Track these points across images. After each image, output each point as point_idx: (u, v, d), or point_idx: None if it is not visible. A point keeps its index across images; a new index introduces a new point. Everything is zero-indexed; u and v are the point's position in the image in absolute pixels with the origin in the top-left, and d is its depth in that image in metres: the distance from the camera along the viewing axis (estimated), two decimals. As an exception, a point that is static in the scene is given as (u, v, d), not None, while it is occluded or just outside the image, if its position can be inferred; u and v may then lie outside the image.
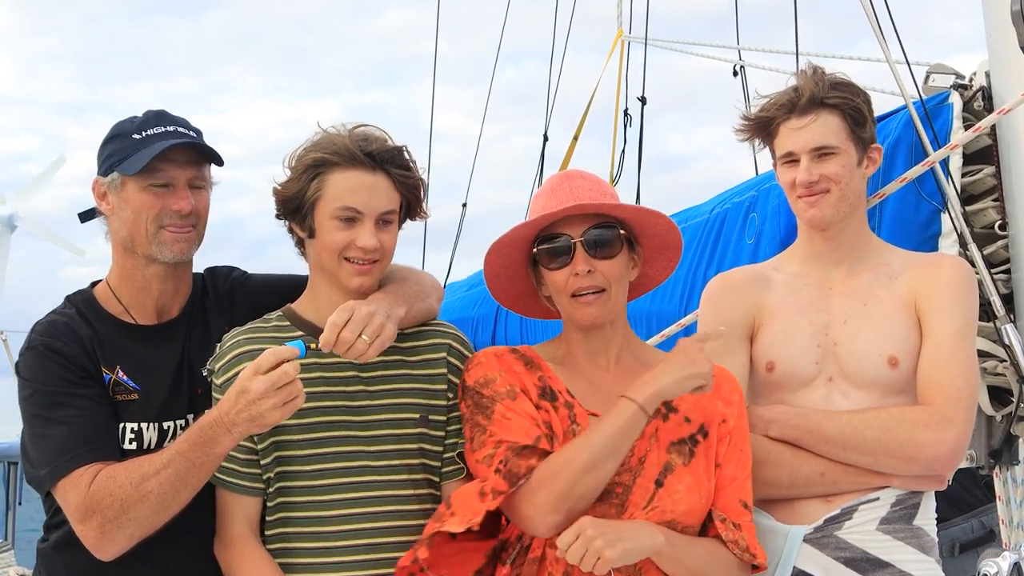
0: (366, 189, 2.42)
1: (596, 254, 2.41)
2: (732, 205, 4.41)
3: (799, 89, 2.75)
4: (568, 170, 2.69)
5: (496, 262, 2.52)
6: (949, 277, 2.74)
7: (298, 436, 2.43)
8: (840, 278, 2.83)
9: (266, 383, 2.20)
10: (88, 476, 2.38)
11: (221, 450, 2.32)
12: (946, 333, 2.67)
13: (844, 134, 2.74)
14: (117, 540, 2.36)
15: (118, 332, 2.61)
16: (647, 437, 2.38)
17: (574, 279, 2.41)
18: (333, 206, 2.41)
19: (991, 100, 3.58)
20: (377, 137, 2.47)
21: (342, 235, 2.42)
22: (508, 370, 2.46)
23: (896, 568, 2.67)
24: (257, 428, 2.28)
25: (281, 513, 2.46)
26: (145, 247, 2.58)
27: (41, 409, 2.48)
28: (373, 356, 2.35)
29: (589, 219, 2.42)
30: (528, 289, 2.59)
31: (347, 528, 2.42)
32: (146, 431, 2.55)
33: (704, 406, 2.45)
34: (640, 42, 6.65)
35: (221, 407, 2.28)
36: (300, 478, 2.44)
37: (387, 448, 2.46)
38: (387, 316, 2.38)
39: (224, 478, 2.47)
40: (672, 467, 2.37)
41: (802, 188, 2.74)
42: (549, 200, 2.46)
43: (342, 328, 2.31)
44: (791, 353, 2.78)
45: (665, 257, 2.60)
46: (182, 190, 2.58)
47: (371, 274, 2.46)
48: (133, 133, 2.58)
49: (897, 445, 2.60)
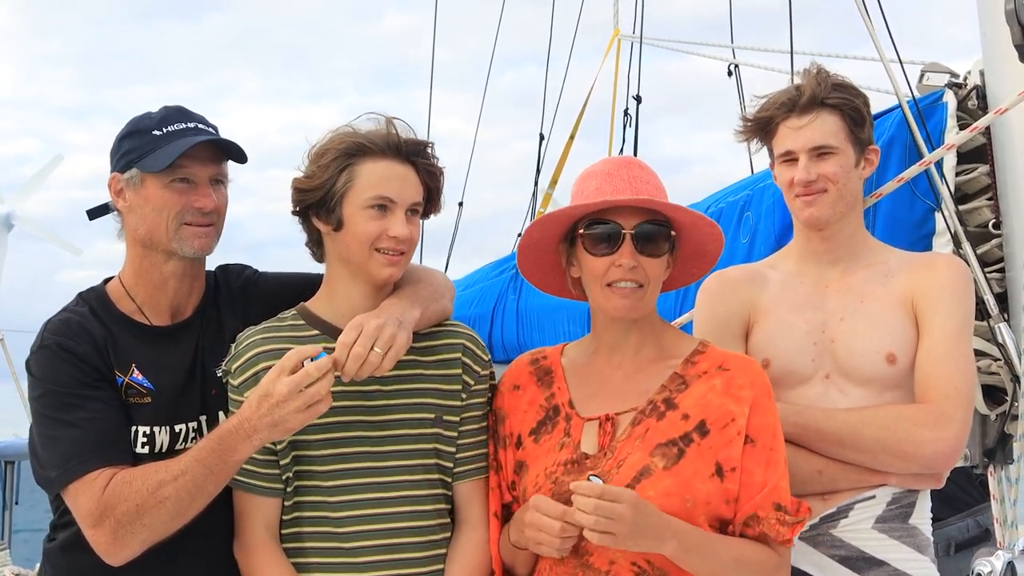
0: (399, 179, 2.42)
1: (643, 250, 2.37)
2: (727, 204, 4.41)
3: (800, 88, 2.76)
4: (626, 157, 2.68)
5: (536, 234, 2.50)
6: (946, 276, 2.74)
7: (315, 436, 2.41)
8: (836, 276, 2.83)
9: (290, 385, 2.19)
10: (102, 480, 2.35)
11: (239, 457, 2.30)
12: (943, 332, 2.67)
13: (843, 134, 2.74)
14: (130, 545, 2.34)
15: (131, 332, 2.57)
16: (634, 439, 2.36)
17: (615, 269, 2.37)
18: (366, 195, 2.40)
19: (985, 99, 3.58)
20: (408, 131, 2.48)
21: (375, 224, 2.40)
22: (517, 406, 2.52)
23: (891, 567, 2.67)
24: (279, 434, 2.26)
25: (296, 513, 2.45)
26: (166, 244, 2.55)
27: (52, 410, 2.44)
28: (389, 367, 2.33)
29: (643, 212, 2.38)
30: (553, 263, 2.55)
31: (364, 528, 2.41)
32: (158, 434, 2.52)
33: (709, 402, 2.38)
34: (636, 41, 6.66)
35: (243, 413, 2.25)
36: (317, 478, 2.43)
37: (403, 448, 2.45)
38: (398, 324, 2.36)
39: (243, 480, 2.45)
40: (649, 471, 2.30)
41: (800, 187, 2.74)
42: (604, 184, 2.41)
43: (352, 346, 2.29)
44: (786, 350, 2.77)
45: (696, 265, 2.56)
46: (204, 187, 2.55)
47: (400, 265, 2.45)
48: (153, 129, 2.55)
49: (896, 443, 2.60)
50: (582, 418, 2.43)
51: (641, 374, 2.45)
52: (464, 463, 2.53)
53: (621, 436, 2.38)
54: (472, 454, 2.53)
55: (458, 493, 2.52)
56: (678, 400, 2.39)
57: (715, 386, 2.40)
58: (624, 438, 2.36)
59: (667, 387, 2.42)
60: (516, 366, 2.60)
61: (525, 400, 2.52)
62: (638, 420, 2.39)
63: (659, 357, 2.48)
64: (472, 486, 2.53)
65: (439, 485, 2.50)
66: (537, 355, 2.61)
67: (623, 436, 2.37)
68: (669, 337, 2.54)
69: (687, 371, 2.44)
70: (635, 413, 2.40)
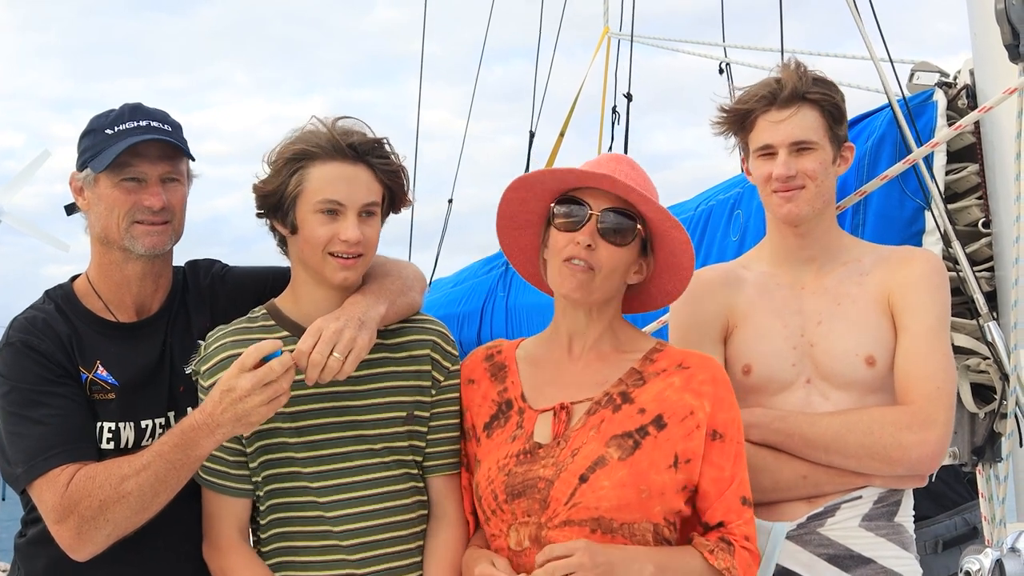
0: (347, 181, 2.40)
1: (606, 235, 2.39)
2: (717, 202, 4.41)
3: (781, 81, 2.73)
4: (619, 154, 2.68)
5: (514, 200, 2.51)
6: (919, 272, 2.73)
7: (292, 439, 2.42)
8: (811, 277, 2.81)
9: (252, 380, 2.20)
10: (65, 476, 2.36)
11: (202, 452, 2.30)
12: (921, 329, 2.66)
13: (823, 130, 2.72)
14: (94, 540, 2.35)
15: (97, 329, 2.59)
16: (588, 428, 2.36)
17: (573, 246, 2.39)
18: (315, 199, 2.39)
19: (975, 98, 3.59)
20: (357, 129, 2.46)
21: (325, 229, 2.39)
22: (472, 401, 2.54)
23: (878, 564, 2.67)
24: (242, 428, 2.26)
25: (277, 514, 2.45)
26: (119, 242, 2.57)
27: (18, 407, 2.46)
28: (351, 371, 2.34)
29: (614, 200, 2.40)
30: (532, 244, 2.57)
31: (348, 528, 2.41)
32: (123, 430, 2.54)
33: (666, 397, 2.39)
34: (626, 39, 6.65)
35: (205, 408, 2.26)
36: (296, 479, 2.43)
37: (378, 446, 2.45)
38: (360, 325, 2.36)
39: (213, 480, 2.46)
40: (604, 461, 2.31)
41: (778, 182, 2.72)
42: (589, 165, 2.46)
43: (310, 352, 2.30)
44: (767, 356, 2.76)
45: (671, 278, 2.55)
46: (154, 186, 2.56)
47: (355, 268, 2.44)
48: (106, 128, 2.57)
49: (881, 448, 2.60)
50: (535, 410, 2.44)
51: (598, 364, 2.46)
52: (434, 457, 2.53)
53: (576, 425, 2.38)
54: (442, 449, 2.54)
55: (432, 488, 2.52)
56: (635, 395, 2.40)
57: (673, 383, 2.41)
58: (579, 427, 2.37)
59: (624, 381, 2.43)
60: (471, 361, 2.61)
61: (479, 395, 2.54)
62: (593, 410, 2.39)
63: (616, 350, 2.49)
64: (444, 481, 2.53)
65: (419, 479, 2.51)
66: (492, 349, 2.63)
67: (578, 425, 2.38)
68: (628, 334, 2.56)
69: (645, 368, 2.45)
70: (591, 403, 2.40)
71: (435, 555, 2.46)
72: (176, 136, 2.61)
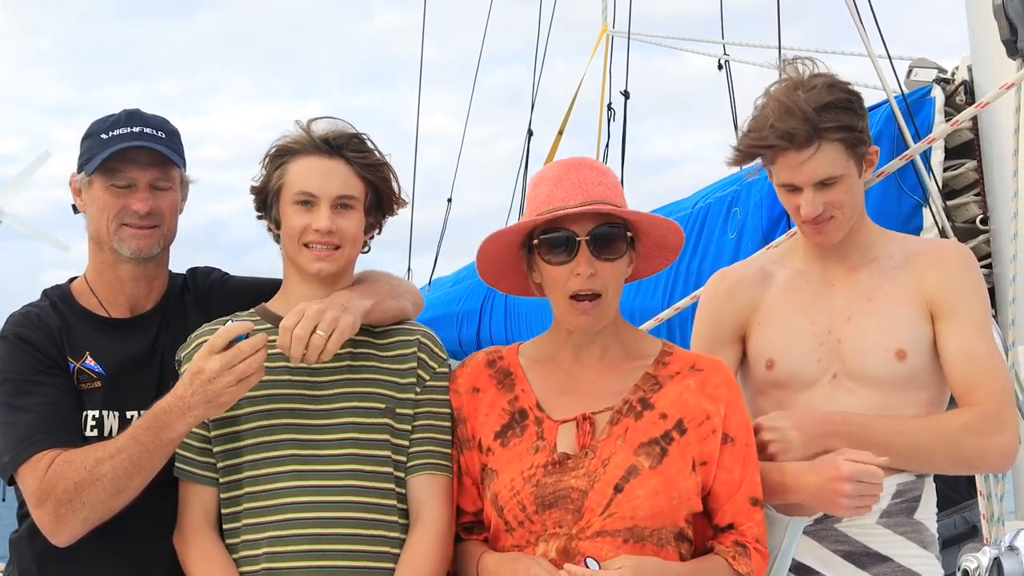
0: (321, 173, 2.48)
1: (600, 255, 2.34)
2: (715, 200, 4.41)
3: (793, 123, 2.56)
4: (575, 158, 2.61)
5: (490, 248, 2.48)
6: (958, 267, 2.68)
7: (251, 424, 2.42)
8: (842, 273, 2.76)
9: (221, 361, 2.23)
10: (46, 461, 2.39)
11: (175, 435, 2.33)
12: (972, 329, 2.62)
13: (846, 159, 2.61)
14: (71, 524, 2.37)
15: (89, 323, 2.64)
16: (615, 438, 2.34)
17: (575, 279, 2.34)
18: (291, 192, 2.48)
19: (973, 94, 3.58)
20: (335, 127, 2.53)
21: (299, 220, 2.46)
22: (477, 409, 2.47)
23: (896, 563, 2.63)
24: (213, 409, 2.29)
25: (240, 506, 2.44)
26: (108, 243, 2.63)
27: (8, 397, 2.50)
28: (334, 349, 2.35)
29: (596, 216, 2.34)
30: (514, 268, 2.53)
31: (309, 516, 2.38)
32: (107, 419, 2.56)
33: (684, 401, 2.38)
34: (624, 36, 6.66)
35: (176, 391, 2.29)
36: (249, 468, 2.42)
37: (350, 436, 2.44)
38: (343, 309, 2.38)
39: (181, 467, 2.48)
40: (637, 471, 2.29)
41: (807, 219, 2.64)
42: (555, 189, 2.38)
43: (293, 329, 2.32)
44: (792, 353, 2.72)
45: (661, 255, 2.53)
46: (142, 191, 2.61)
47: (331, 260, 2.47)
48: (102, 132, 2.62)
49: (965, 459, 2.60)
50: (555, 420, 2.40)
51: (611, 374, 2.43)
52: (416, 457, 2.49)
53: (601, 436, 2.36)
54: (424, 449, 2.50)
55: (411, 488, 2.48)
56: (653, 400, 2.39)
57: (690, 386, 2.40)
58: (604, 437, 2.35)
59: (640, 387, 2.41)
60: (473, 368, 2.55)
61: (486, 403, 2.49)
62: (616, 419, 2.37)
63: (626, 357, 2.47)
64: (424, 481, 2.48)
65: (391, 479, 2.47)
66: (493, 355, 2.56)
67: (603, 436, 2.36)
68: (634, 338, 2.54)
69: (659, 372, 2.43)
70: (612, 412, 2.38)
71: (408, 557, 2.42)
72: (169, 143, 2.66)
